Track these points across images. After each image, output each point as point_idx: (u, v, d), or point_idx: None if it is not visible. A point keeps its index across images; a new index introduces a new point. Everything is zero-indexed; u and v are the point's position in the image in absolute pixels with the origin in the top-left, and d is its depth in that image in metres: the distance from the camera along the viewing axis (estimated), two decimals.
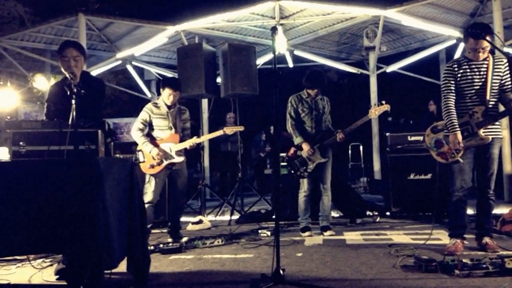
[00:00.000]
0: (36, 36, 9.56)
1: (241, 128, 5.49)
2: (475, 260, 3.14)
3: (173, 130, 4.89)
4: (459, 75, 3.85)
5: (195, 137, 4.93)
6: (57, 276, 3.29)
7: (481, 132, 3.76)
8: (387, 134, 6.24)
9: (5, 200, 2.57)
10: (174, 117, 4.93)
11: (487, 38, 3.66)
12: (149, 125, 4.88)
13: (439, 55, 11.14)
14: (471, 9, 9.18)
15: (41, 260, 3.86)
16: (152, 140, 4.83)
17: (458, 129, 3.77)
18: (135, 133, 4.83)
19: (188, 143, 4.86)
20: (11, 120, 2.94)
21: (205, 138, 4.93)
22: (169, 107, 4.90)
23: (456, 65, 3.87)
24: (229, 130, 5.27)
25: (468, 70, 3.83)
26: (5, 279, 3.33)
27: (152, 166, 4.74)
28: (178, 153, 4.87)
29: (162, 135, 4.88)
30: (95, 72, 9.63)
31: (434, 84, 11.31)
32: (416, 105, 13.76)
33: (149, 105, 4.95)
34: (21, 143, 2.78)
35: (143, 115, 4.87)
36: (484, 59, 3.82)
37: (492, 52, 3.84)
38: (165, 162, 4.78)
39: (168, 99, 4.86)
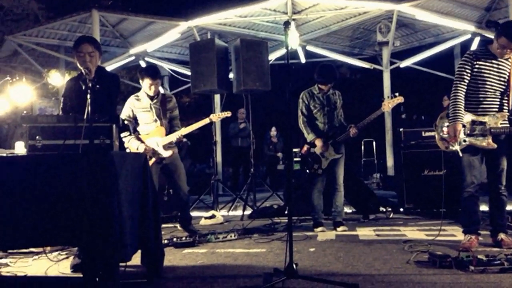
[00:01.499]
0: (50, 32, 9.65)
1: (228, 114, 5.27)
2: (490, 256, 3.11)
3: (158, 122, 4.71)
4: (476, 66, 3.77)
5: (182, 128, 4.76)
6: (72, 270, 3.33)
7: (490, 139, 3.70)
8: (401, 129, 6.19)
9: (22, 193, 2.62)
10: (158, 108, 4.74)
11: None
12: (134, 120, 4.73)
13: (453, 50, 11.01)
14: (486, 3, 9.04)
15: (57, 252, 3.92)
16: (138, 136, 4.68)
17: (460, 120, 3.71)
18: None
19: (175, 136, 4.69)
20: (27, 114, 2.97)
21: (191, 128, 4.72)
22: (151, 98, 4.72)
23: (475, 56, 3.79)
24: (215, 117, 5.05)
25: (488, 64, 3.76)
26: (22, 271, 3.38)
27: None
28: (167, 146, 4.71)
29: (148, 128, 4.72)
30: (108, 68, 9.69)
31: (448, 80, 11.16)
32: (430, 100, 13.61)
33: (130, 99, 4.77)
34: (37, 137, 2.82)
35: (126, 111, 4.73)
36: (507, 59, 3.74)
37: None
38: (154, 158, 4.64)
39: (150, 89, 4.66)
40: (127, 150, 4.67)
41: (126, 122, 4.68)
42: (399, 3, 8.78)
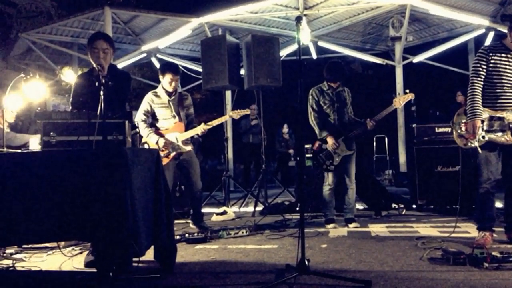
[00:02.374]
0: (63, 29, 9.75)
1: (247, 111, 5.29)
2: (504, 253, 3.08)
3: (177, 118, 4.76)
4: (492, 61, 3.71)
5: (202, 124, 4.78)
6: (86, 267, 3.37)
7: (510, 135, 3.64)
8: (414, 125, 6.13)
9: (36, 189, 2.65)
10: (176, 104, 4.80)
11: None
12: (152, 116, 4.78)
13: (467, 45, 10.87)
14: None
15: (71, 248, 3.97)
16: (157, 131, 4.73)
17: (479, 116, 3.67)
18: (139, 125, 4.74)
19: (196, 131, 4.73)
20: (42, 111, 3.00)
21: (212, 124, 4.78)
22: (169, 95, 4.77)
23: (490, 51, 3.74)
24: (235, 114, 5.12)
25: (504, 59, 3.70)
26: (36, 266, 3.43)
27: None
28: (185, 142, 4.76)
29: (166, 124, 4.77)
30: (120, 65, 9.77)
31: (462, 75, 11.05)
32: (444, 96, 13.47)
33: (149, 95, 4.82)
34: (51, 133, 2.85)
35: (144, 105, 4.76)
36: None
37: None
38: (173, 153, 4.70)
39: (170, 85, 4.72)
40: (146, 146, 4.71)
41: (143, 116, 4.72)
42: None
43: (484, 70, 3.74)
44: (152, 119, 4.80)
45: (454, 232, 4.09)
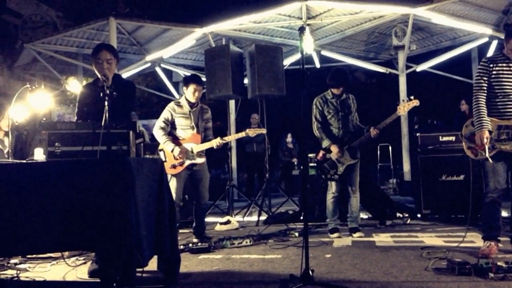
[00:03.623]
0: (68, 40, 9.82)
1: (264, 131, 5.39)
2: (510, 263, 3.05)
3: (195, 130, 4.84)
4: (494, 72, 3.74)
5: (219, 138, 4.85)
6: (90, 276, 3.36)
7: None
8: (418, 134, 6.12)
9: (41, 199, 2.66)
10: (196, 116, 4.88)
11: None
12: (171, 124, 4.85)
13: (471, 54, 10.86)
14: (504, 5, 8.91)
15: (75, 258, 3.97)
16: (174, 139, 4.79)
17: (486, 127, 3.67)
18: (157, 131, 4.81)
19: (211, 144, 4.81)
20: (47, 121, 3.02)
21: (230, 138, 4.87)
22: (191, 106, 4.86)
23: (491, 63, 3.77)
24: (251, 132, 5.19)
25: (505, 68, 3.72)
26: (40, 276, 3.43)
27: (174, 166, 4.71)
28: (200, 154, 4.82)
29: (184, 134, 4.84)
30: (125, 75, 9.82)
31: (466, 83, 11.03)
32: (448, 105, 13.45)
33: (171, 104, 4.92)
34: (56, 143, 2.86)
35: (166, 114, 4.85)
36: None
37: None
38: (187, 162, 4.74)
39: (194, 95, 4.81)
40: (161, 153, 4.79)
41: (163, 124, 4.80)
42: (414, 6, 8.70)
43: (486, 82, 3.76)
44: (171, 128, 4.87)
45: (462, 242, 4.06)
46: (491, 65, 3.76)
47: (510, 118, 3.71)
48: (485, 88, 3.76)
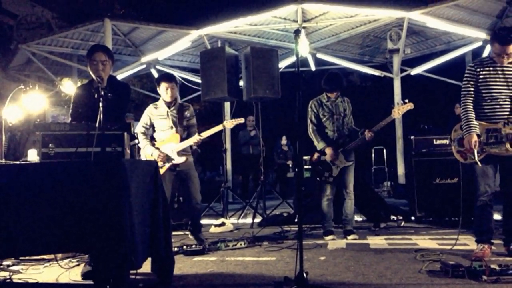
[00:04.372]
0: (63, 41, 9.79)
1: (241, 121, 5.29)
2: (503, 265, 3.07)
3: (174, 129, 4.77)
4: (481, 76, 3.78)
5: (196, 134, 4.78)
6: (83, 278, 3.35)
7: (508, 145, 3.65)
8: (412, 137, 6.15)
9: (34, 201, 2.65)
10: (175, 116, 4.81)
11: None
12: (151, 127, 4.83)
13: (465, 57, 10.94)
14: (498, 10, 9.00)
15: (68, 260, 3.94)
16: (153, 142, 4.78)
17: (474, 130, 3.70)
18: (138, 137, 4.81)
19: (189, 142, 4.73)
20: (41, 122, 3.01)
21: (205, 134, 4.80)
22: (168, 106, 4.80)
23: (478, 67, 3.80)
24: (229, 124, 5.11)
25: (492, 72, 3.76)
26: (33, 278, 3.40)
27: None
28: (181, 153, 4.74)
29: (163, 136, 4.80)
30: (120, 76, 9.81)
31: (460, 87, 11.05)
32: (442, 108, 13.52)
33: (149, 107, 4.89)
34: (50, 145, 2.85)
35: (144, 118, 4.83)
36: (511, 63, 3.73)
37: None
38: (167, 164, 4.68)
39: (167, 93, 4.74)
40: (142, 156, 4.73)
41: (142, 129, 4.78)
42: (409, 10, 8.76)
43: (473, 86, 3.80)
44: (152, 131, 4.85)
45: (455, 245, 4.08)
46: (478, 69, 3.79)
47: (498, 121, 3.74)
48: (472, 92, 3.80)
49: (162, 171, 4.64)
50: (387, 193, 10.69)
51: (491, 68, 3.76)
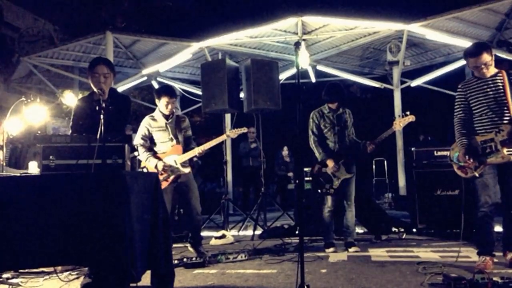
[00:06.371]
0: (65, 53, 9.85)
1: (245, 130, 5.28)
2: (505, 278, 3.06)
3: (175, 141, 4.75)
4: (468, 95, 3.94)
5: (200, 146, 4.76)
6: None
7: (505, 151, 3.69)
8: (413, 149, 6.14)
9: (34, 213, 2.63)
10: (173, 127, 4.80)
11: (485, 53, 3.77)
12: (150, 140, 4.78)
13: (465, 69, 10.96)
14: (496, 23, 9.06)
15: (67, 272, 3.92)
16: (155, 155, 4.72)
17: (464, 146, 3.85)
18: (138, 149, 4.74)
19: (194, 152, 4.72)
20: (42, 134, 3.01)
21: (209, 145, 4.79)
22: (166, 118, 4.78)
23: (464, 87, 3.97)
24: (232, 134, 5.13)
25: (477, 88, 3.89)
26: None
27: None
28: (183, 164, 4.73)
29: (164, 148, 4.76)
30: (121, 88, 9.84)
31: None
32: (442, 119, 13.53)
33: (146, 119, 4.83)
34: (51, 157, 2.85)
35: (142, 130, 4.77)
36: (495, 75, 3.83)
37: (506, 69, 3.87)
38: (172, 176, 4.67)
39: (167, 108, 4.72)
40: (145, 170, 4.69)
41: (141, 141, 4.73)
42: (409, 23, 8.81)
43: (463, 106, 3.97)
44: (150, 143, 4.79)
45: (453, 256, 4.06)
46: (465, 90, 3.96)
47: (489, 131, 3.80)
48: (462, 112, 3.97)
49: (166, 183, 4.62)
50: (388, 205, 10.65)
51: (475, 86, 3.91)
